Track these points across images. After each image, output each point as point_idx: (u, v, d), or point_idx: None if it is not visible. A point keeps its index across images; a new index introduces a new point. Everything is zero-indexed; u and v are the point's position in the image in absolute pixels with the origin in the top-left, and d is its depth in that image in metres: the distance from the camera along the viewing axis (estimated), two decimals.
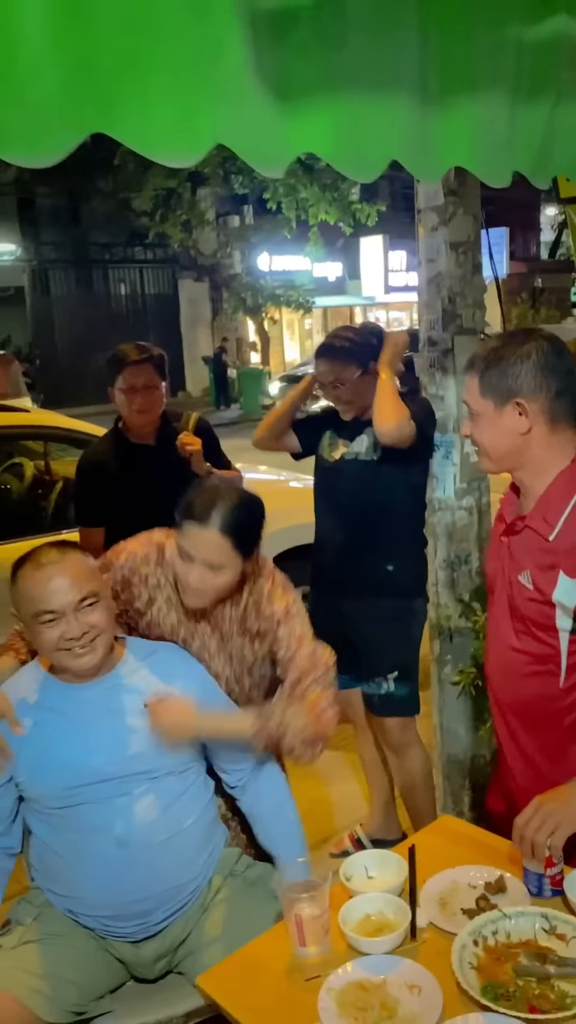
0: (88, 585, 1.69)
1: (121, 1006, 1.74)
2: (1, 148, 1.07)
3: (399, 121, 1.50)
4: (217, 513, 1.73)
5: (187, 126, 1.18)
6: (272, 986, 1.42)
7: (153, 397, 2.83)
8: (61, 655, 1.70)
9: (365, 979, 1.38)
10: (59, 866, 1.74)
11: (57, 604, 1.66)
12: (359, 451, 2.65)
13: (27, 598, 1.68)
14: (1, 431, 4.07)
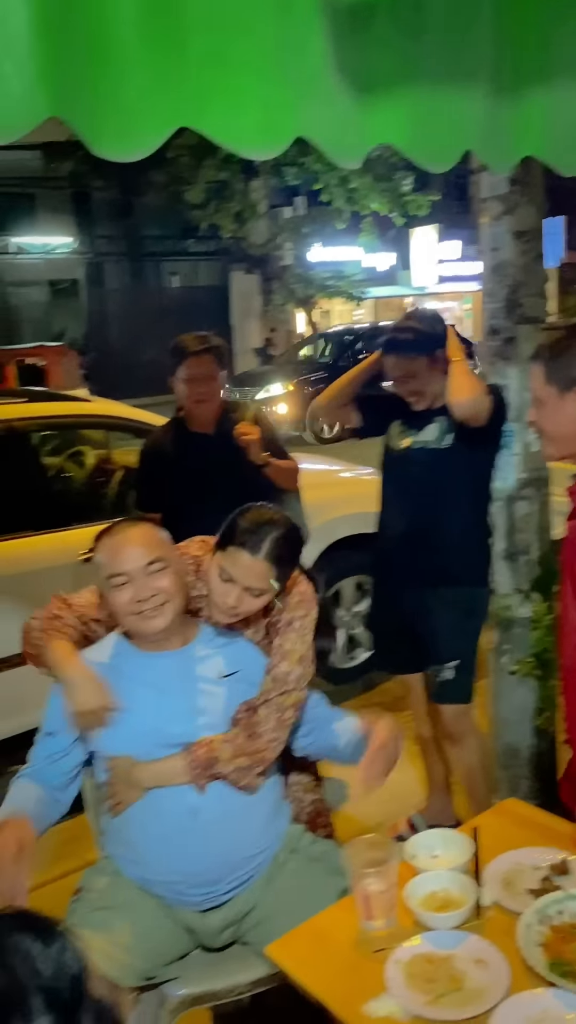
0: (157, 551, 1.78)
1: (188, 973, 1.80)
2: (94, 143, 1.12)
3: (474, 111, 1.52)
4: (267, 543, 1.77)
5: (270, 121, 1.22)
6: (339, 957, 1.47)
7: (212, 387, 2.87)
8: (133, 619, 1.77)
9: (432, 953, 1.42)
10: (131, 832, 1.80)
11: (127, 567, 1.74)
12: (428, 439, 2.65)
13: (102, 563, 1.79)
14: (64, 420, 4.16)
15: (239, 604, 1.80)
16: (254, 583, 1.78)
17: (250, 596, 1.80)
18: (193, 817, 1.75)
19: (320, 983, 1.41)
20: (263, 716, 1.79)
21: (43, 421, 3.96)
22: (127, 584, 1.75)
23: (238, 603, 1.80)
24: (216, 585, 1.81)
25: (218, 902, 1.81)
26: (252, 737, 1.77)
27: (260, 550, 1.77)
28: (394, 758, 1.87)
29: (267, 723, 1.79)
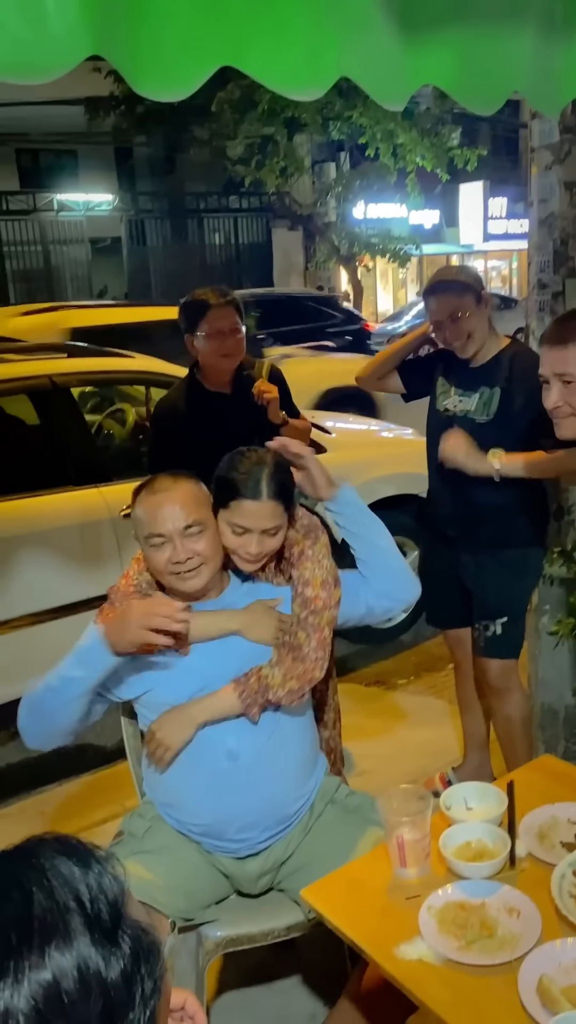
0: (195, 514, 1.78)
1: (225, 916, 1.85)
2: (136, 82, 1.11)
3: (523, 53, 1.48)
4: (266, 484, 1.81)
5: (314, 59, 1.19)
6: (373, 902, 1.49)
7: (239, 341, 2.74)
8: (170, 578, 1.80)
9: (465, 900, 1.43)
10: (171, 777, 1.84)
11: (164, 528, 1.75)
12: (469, 409, 2.59)
13: (140, 520, 1.80)
14: (104, 375, 4.18)
15: (261, 549, 1.83)
16: (268, 524, 1.82)
17: (268, 537, 1.84)
18: (231, 760, 1.78)
19: (354, 926, 1.44)
20: (303, 639, 1.82)
21: (84, 376, 3.98)
22: (165, 544, 1.76)
23: (260, 548, 1.83)
24: (232, 541, 1.84)
25: (256, 850, 1.84)
26: (297, 659, 1.80)
27: (261, 493, 1.80)
28: None
29: (309, 644, 1.82)
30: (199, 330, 2.70)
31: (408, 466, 4.60)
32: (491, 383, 2.55)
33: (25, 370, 3.70)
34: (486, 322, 2.54)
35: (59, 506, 3.57)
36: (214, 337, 2.69)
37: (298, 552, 1.92)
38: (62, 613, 3.48)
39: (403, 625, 4.68)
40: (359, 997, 1.68)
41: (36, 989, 0.58)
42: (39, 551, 3.44)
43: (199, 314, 2.69)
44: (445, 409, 2.67)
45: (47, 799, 3.26)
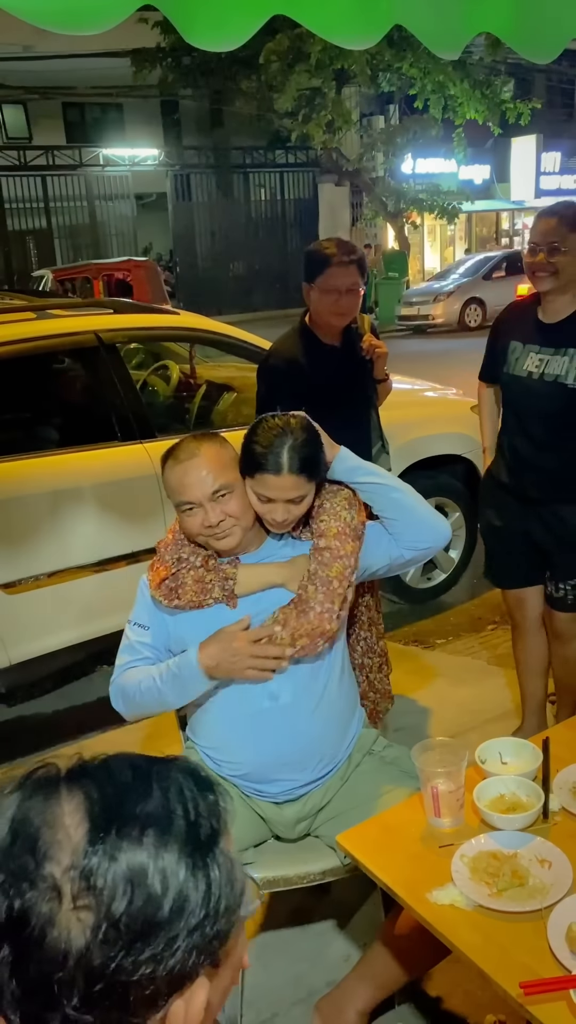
0: (221, 477, 1.79)
1: (262, 858, 1.90)
2: (187, 32, 1.11)
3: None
4: (286, 459, 1.81)
5: (367, 7, 1.18)
6: (407, 849, 1.53)
7: (355, 301, 2.66)
8: (206, 540, 1.84)
9: (497, 850, 1.46)
10: (213, 718, 1.90)
11: (193, 496, 1.78)
12: (559, 373, 2.52)
13: (170, 489, 1.83)
14: (149, 332, 4.19)
15: (287, 516, 1.85)
16: (292, 494, 1.83)
17: (293, 505, 1.85)
18: (272, 700, 1.83)
19: (388, 871, 1.48)
20: (311, 592, 1.84)
21: (129, 332, 4.00)
22: (196, 510, 1.79)
23: (285, 515, 1.85)
24: (259, 507, 1.86)
25: (294, 796, 1.89)
26: (303, 614, 1.81)
27: (283, 468, 1.80)
28: None
29: (315, 597, 1.83)
30: (316, 283, 2.64)
31: (453, 426, 4.58)
32: None
33: (72, 326, 3.72)
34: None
35: (105, 461, 3.61)
36: (330, 293, 2.62)
37: (317, 505, 1.94)
38: (107, 566, 3.55)
39: (443, 586, 4.69)
40: (392, 940, 1.73)
41: (130, 860, 0.65)
42: (85, 505, 3.50)
43: (319, 268, 2.63)
44: (529, 373, 2.61)
45: (90, 746, 3.34)
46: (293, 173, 22.59)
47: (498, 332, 2.75)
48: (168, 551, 1.89)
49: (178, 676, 1.82)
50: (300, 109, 16.97)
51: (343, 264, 2.60)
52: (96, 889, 0.64)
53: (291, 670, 1.83)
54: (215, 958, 0.70)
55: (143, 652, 1.92)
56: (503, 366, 2.69)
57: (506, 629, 4.14)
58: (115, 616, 3.18)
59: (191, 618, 1.86)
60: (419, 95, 15.87)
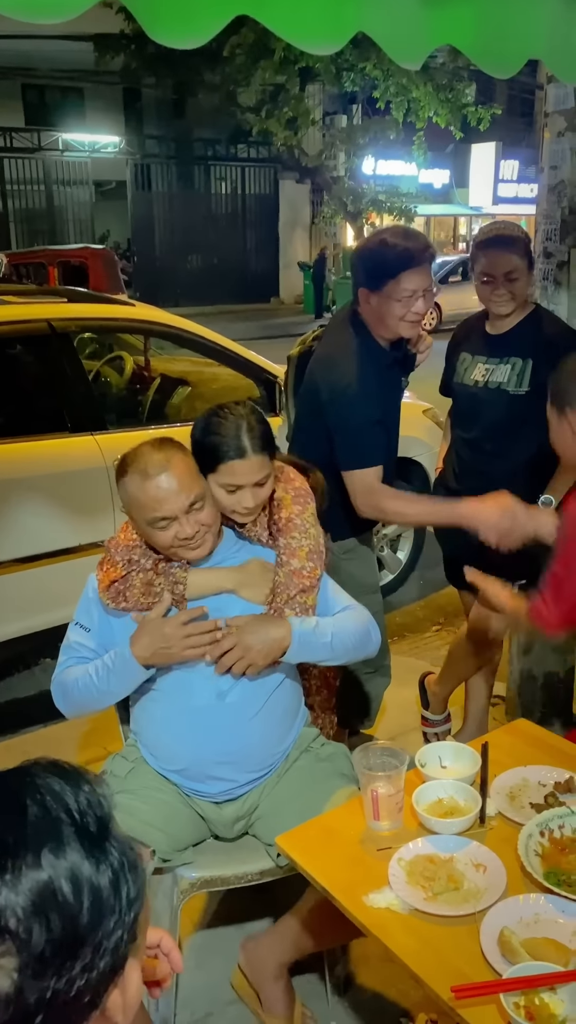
0: (195, 488, 1.77)
1: (201, 858, 1.90)
2: (151, 28, 1.10)
3: (543, 16, 1.46)
4: (248, 440, 1.82)
5: (332, 12, 1.18)
6: (345, 852, 1.54)
7: (431, 299, 2.28)
8: (176, 550, 1.80)
9: (434, 854, 1.48)
10: (158, 712, 1.88)
11: (169, 511, 1.74)
12: (502, 380, 2.55)
13: (138, 505, 1.76)
14: (103, 323, 4.14)
15: (256, 500, 1.86)
16: (259, 476, 1.85)
17: (260, 488, 1.86)
18: (220, 699, 1.82)
19: (325, 874, 1.48)
20: (288, 615, 1.85)
21: (82, 323, 3.95)
22: (170, 524, 1.76)
23: (255, 500, 1.86)
24: (227, 500, 1.86)
25: (234, 795, 1.89)
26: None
27: (247, 450, 1.82)
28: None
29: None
30: (386, 289, 2.21)
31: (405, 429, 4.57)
32: (521, 352, 2.53)
33: (24, 313, 3.67)
34: (525, 291, 2.52)
35: (54, 452, 3.56)
36: (405, 302, 2.21)
37: (286, 517, 1.93)
38: (52, 559, 3.50)
39: (390, 586, 4.72)
40: (306, 913, 1.78)
41: (33, 886, 0.64)
42: (31, 497, 3.44)
43: (393, 269, 2.20)
44: (475, 382, 2.64)
45: (31, 740, 3.31)
46: (254, 168, 22.51)
47: (452, 346, 2.80)
48: (119, 552, 1.86)
49: (113, 671, 1.82)
50: (263, 104, 16.92)
51: (422, 264, 2.21)
52: (10, 931, 0.63)
53: (240, 672, 1.82)
54: (134, 934, 0.70)
55: (82, 653, 1.90)
56: (452, 377, 2.73)
57: (450, 631, 4.20)
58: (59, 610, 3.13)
59: None
60: (381, 96, 15.94)
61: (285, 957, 1.92)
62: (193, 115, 20.76)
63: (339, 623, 1.91)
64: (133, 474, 1.75)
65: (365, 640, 1.95)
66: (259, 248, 22.50)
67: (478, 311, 2.73)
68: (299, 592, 1.87)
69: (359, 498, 2.34)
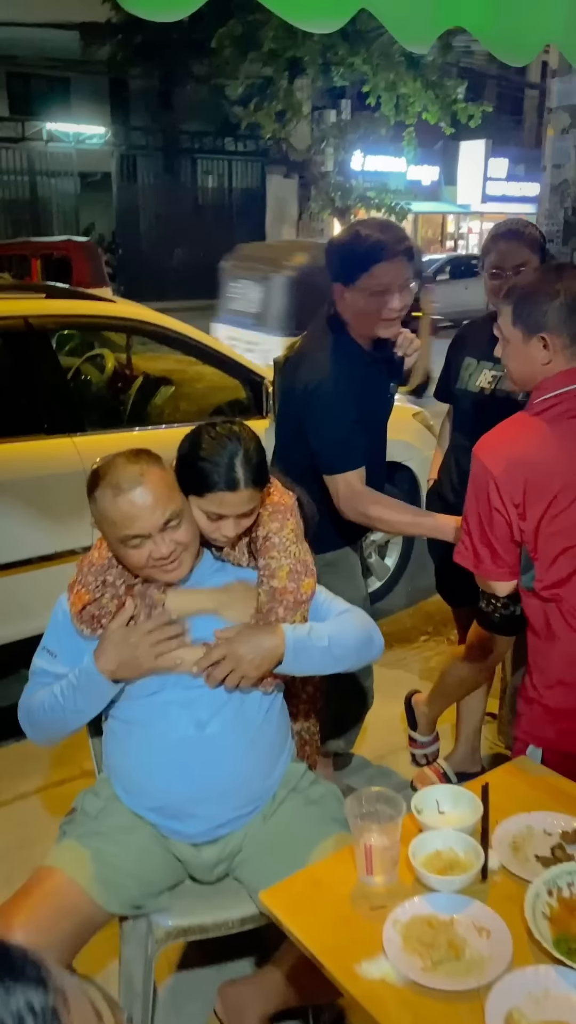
0: (171, 504, 1.64)
1: (178, 904, 1.76)
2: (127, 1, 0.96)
3: (560, 3, 1.33)
4: (243, 472, 1.69)
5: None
6: (335, 910, 1.41)
7: (409, 297, 2.17)
8: (151, 571, 1.68)
9: (433, 916, 1.35)
10: (134, 747, 1.75)
11: (142, 529, 1.61)
12: (511, 389, 2.42)
13: (109, 521, 1.63)
14: (82, 320, 3.99)
15: (238, 529, 1.75)
16: (245, 508, 1.73)
17: (245, 519, 1.75)
18: (199, 729, 1.69)
19: (313, 936, 1.35)
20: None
21: (60, 320, 3.80)
22: (144, 543, 1.63)
23: (237, 529, 1.75)
24: (207, 525, 1.74)
25: (213, 836, 1.76)
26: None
27: (238, 483, 1.69)
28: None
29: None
30: (358, 284, 2.11)
31: (395, 433, 4.45)
32: None
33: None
34: None
35: (29, 455, 3.42)
36: (379, 296, 2.11)
37: (263, 536, 1.80)
38: (26, 567, 3.36)
39: (377, 594, 4.60)
40: (289, 966, 1.67)
41: None
42: (4, 501, 3.30)
43: (362, 263, 2.09)
44: (481, 389, 2.53)
45: (2, 755, 3.17)
46: (242, 162, 22.30)
47: (454, 349, 2.67)
48: (92, 572, 1.73)
49: (79, 688, 1.69)
50: (251, 97, 16.74)
51: (395, 257, 2.09)
52: None
53: (223, 698, 1.70)
54: None
55: (47, 680, 1.78)
56: (455, 382, 2.61)
57: (439, 640, 4.09)
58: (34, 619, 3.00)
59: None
60: (371, 92, 15.80)
61: (267, 1008, 1.80)
62: (180, 107, 20.56)
63: (336, 626, 1.79)
64: (104, 488, 1.62)
65: (367, 642, 1.82)
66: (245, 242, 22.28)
67: (485, 313, 2.61)
68: (285, 610, 1.75)
69: (342, 502, 2.23)
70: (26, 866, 2.34)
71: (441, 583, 2.91)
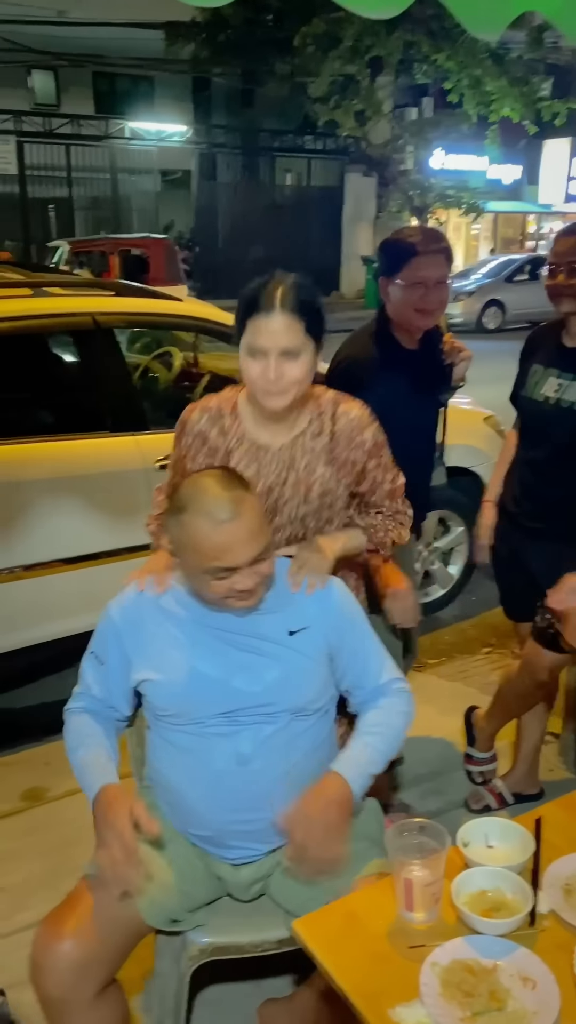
0: (262, 539, 1.56)
1: (215, 920, 1.71)
2: None
3: None
4: (284, 296, 1.68)
5: None
6: (371, 947, 1.33)
7: (443, 297, 2.32)
8: (228, 600, 1.59)
9: (475, 960, 1.27)
10: (175, 773, 1.70)
11: (234, 562, 1.53)
12: (575, 400, 2.35)
13: (196, 550, 1.53)
14: (152, 318, 3.98)
15: (281, 374, 1.70)
16: (286, 343, 1.69)
17: (289, 361, 1.70)
18: (241, 765, 1.62)
19: (347, 974, 1.28)
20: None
21: (128, 318, 3.80)
22: (231, 576, 1.54)
23: (278, 373, 1.70)
24: (251, 368, 1.72)
25: (252, 859, 1.70)
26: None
27: (274, 305, 1.67)
28: None
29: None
30: (398, 277, 2.30)
31: (463, 438, 4.36)
32: None
33: (68, 306, 3.53)
34: None
35: (92, 452, 3.43)
36: (415, 288, 2.28)
37: (371, 438, 1.90)
38: (87, 562, 3.37)
39: (439, 602, 4.50)
40: (318, 1002, 1.59)
41: None
42: (68, 498, 3.32)
43: (401, 258, 2.29)
44: (545, 398, 2.43)
45: (53, 750, 3.16)
46: (321, 160, 22.22)
47: (524, 354, 2.58)
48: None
49: (82, 781, 1.65)
50: (332, 95, 16.65)
51: (430, 254, 2.27)
52: None
53: (267, 732, 1.63)
54: None
55: (85, 702, 1.75)
56: (522, 388, 2.51)
57: (502, 653, 3.96)
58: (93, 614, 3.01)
59: (149, 640, 1.67)
60: (454, 89, 15.54)
61: None
62: (261, 105, 20.60)
63: (384, 737, 1.69)
64: (196, 515, 1.52)
65: (406, 729, 1.76)
66: (322, 241, 22.20)
67: (555, 318, 2.50)
68: (396, 512, 1.98)
69: None
70: (68, 865, 2.35)
71: (505, 596, 2.81)
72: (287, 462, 1.87)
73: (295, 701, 1.65)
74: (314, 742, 1.70)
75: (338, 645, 1.71)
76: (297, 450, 1.87)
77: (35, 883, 2.45)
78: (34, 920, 1.55)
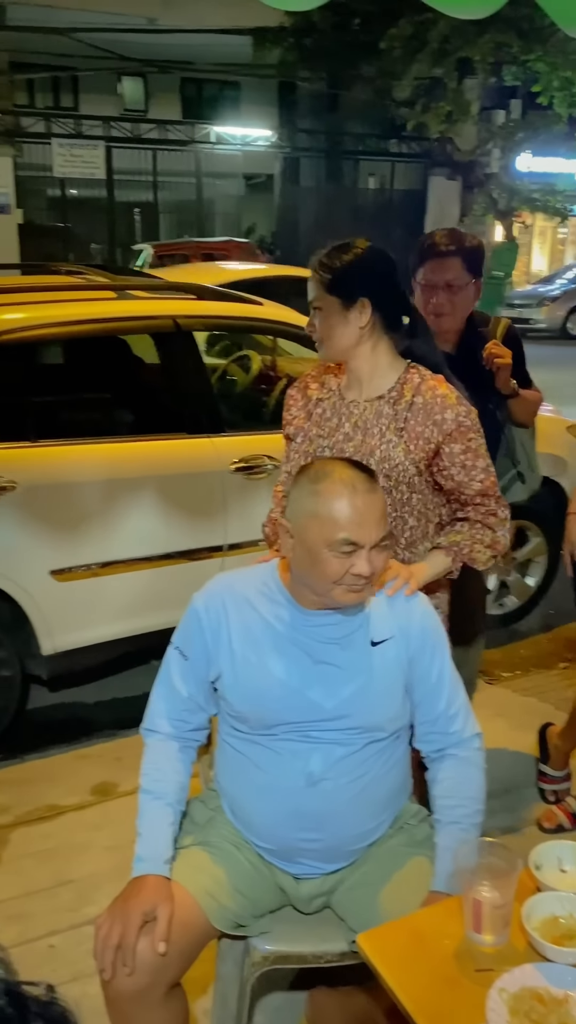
0: (386, 524, 1.58)
1: (279, 928, 1.70)
2: None
3: None
4: (317, 256, 1.92)
5: None
6: (438, 968, 1.30)
7: (455, 298, 2.39)
8: (337, 588, 1.55)
9: (545, 989, 1.23)
10: (243, 786, 1.69)
11: (363, 537, 1.51)
12: None
13: (327, 521, 1.51)
14: (232, 321, 4.01)
15: (312, 325, 1.96)
16: (313, 298, 1.92)
17: (316, 314, 1.93)
18: (310, 785, 1.60)
19: (411, 994, 1.25)
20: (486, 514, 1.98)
21: (208, 321, 3.83)
22: (353, 554, 1.52)
23: (310, 324, 1.96)
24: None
25: (315, 875, 1.69)
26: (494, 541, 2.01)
27: (311, 264, 1.90)
28: None
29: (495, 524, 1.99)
30: (416, 277, 2.43)
31: (544, 446, 4.25)
32: None
33: (150, 309, 3.58)
34: None
35: (170, 454, 3.47)
36: (426, 290, 2.41)
37: (453, 419, 1.90)
38: (161, 562, 3.40)
39: (515, 614, 4.40)
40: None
41: None
42: (145, 498, 3.36)
43: (418, 260, 2.43)
44: None
45: (125, 745, 3.21)
46: (405, 163, 22.04)
47: None
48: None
49: (138, 828, 1.65)
50: (418, 98, 16.52)
51: (441, 256, 2.39)
52: None
53: (339, 752, 1.60)
54: None
55: (173, 702, 1.72)
56: None
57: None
58: (166, 613, 3.04)
59: (230, 636, 1.64)
60: (544, 91, 15.24)
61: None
62: (345, 109, 20.56)
63: (467, 803, 1.66)
64: (336, 483, 1.52)
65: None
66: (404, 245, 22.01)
67: None
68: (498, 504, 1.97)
69: None
70: None
71: None
72: (361, 422, 1.94)
73: (370, 718, 1.62)
74: (386, 765, 1.67)
75: (415, 658, 1.66)
76: (372, 413, 1.93)
77: (102, 877, 2.48)
78: (100, 914, 1.56)
